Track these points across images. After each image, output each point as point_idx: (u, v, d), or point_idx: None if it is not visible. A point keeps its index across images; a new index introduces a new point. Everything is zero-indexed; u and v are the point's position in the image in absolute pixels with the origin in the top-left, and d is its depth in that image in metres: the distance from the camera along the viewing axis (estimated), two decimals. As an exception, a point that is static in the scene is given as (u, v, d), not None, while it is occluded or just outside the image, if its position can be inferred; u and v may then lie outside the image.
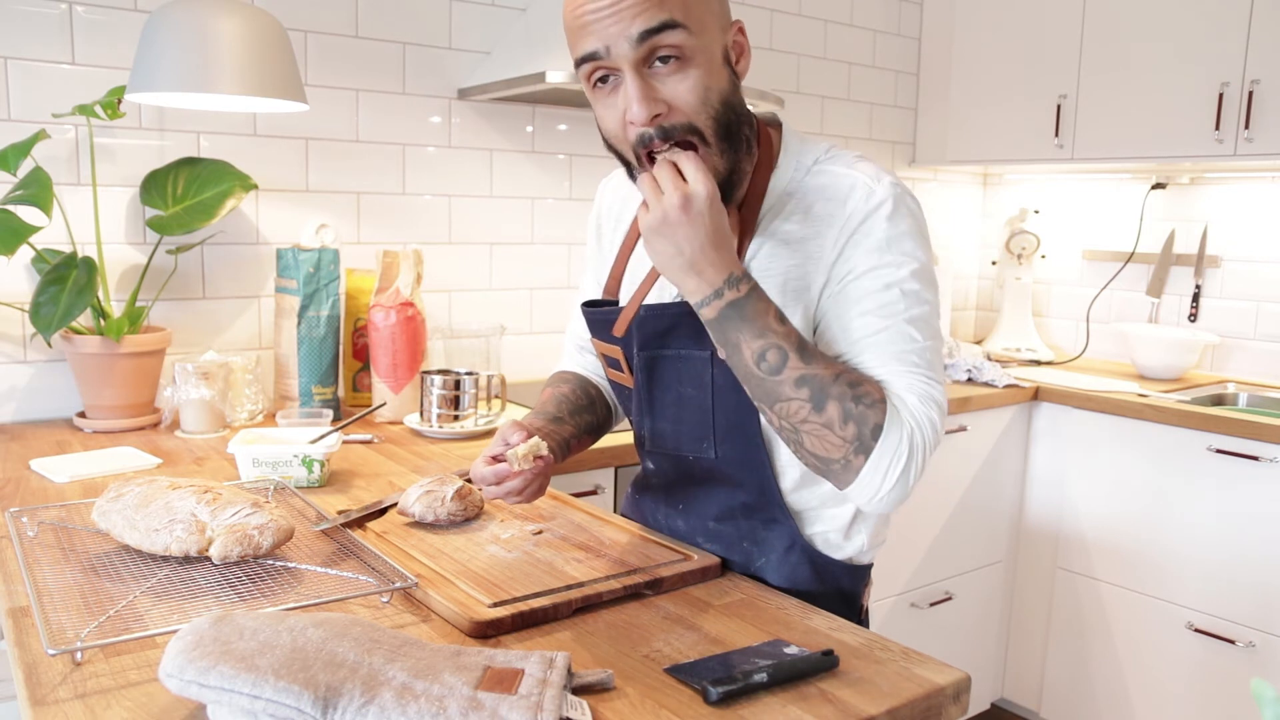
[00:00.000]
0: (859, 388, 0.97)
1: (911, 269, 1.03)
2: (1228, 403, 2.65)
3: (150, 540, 1.05)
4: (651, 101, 0.97)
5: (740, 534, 1.18)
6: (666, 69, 0.97)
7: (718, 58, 1.01)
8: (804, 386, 0.96)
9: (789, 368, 0.96)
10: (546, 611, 0.99)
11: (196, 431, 1.72)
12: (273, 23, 1.60)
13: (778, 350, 0.96)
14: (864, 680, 0.89)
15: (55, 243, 1.76)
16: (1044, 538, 2.67)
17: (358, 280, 1.96)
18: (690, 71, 0.98)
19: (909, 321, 1.02)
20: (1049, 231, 3.17)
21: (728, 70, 1.02)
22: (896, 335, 1.01)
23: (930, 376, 1.01)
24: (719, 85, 1.00)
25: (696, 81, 0.98)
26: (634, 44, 0.96)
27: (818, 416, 0.96)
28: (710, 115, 0.99)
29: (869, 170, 1.07)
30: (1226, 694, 2.31)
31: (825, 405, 0.96)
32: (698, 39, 0.97)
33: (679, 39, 0.96)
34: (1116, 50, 2.63)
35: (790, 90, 2.83)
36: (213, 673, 0.73)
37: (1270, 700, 0.54)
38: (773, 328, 0.97)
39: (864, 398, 0.97)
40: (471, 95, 2.18)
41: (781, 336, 0.96)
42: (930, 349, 1.02)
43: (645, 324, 1.13)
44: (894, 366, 1.00)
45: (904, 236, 1.03)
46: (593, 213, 1.33)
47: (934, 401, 1.00)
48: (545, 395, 1.30)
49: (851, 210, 1.04)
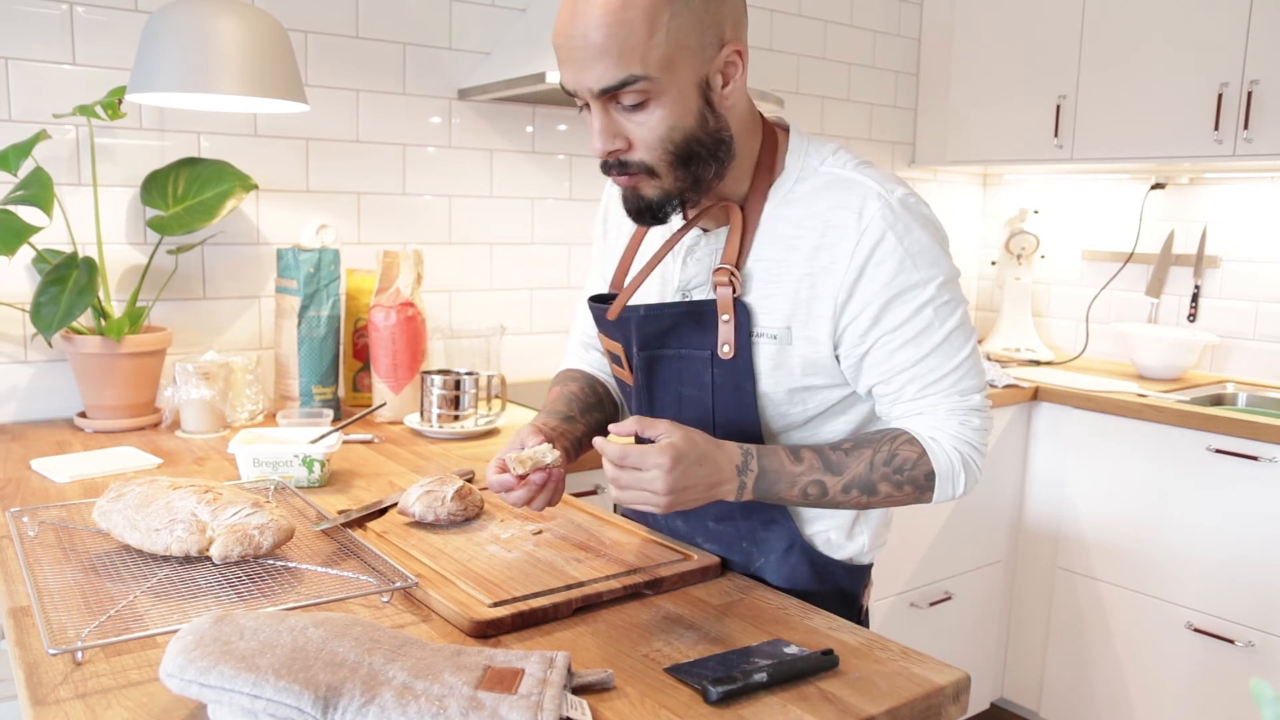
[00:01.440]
0: (895, 459, 1.06)
1: (938, 282, 1.05)
2: (1227, 403, 2.65)
3: (151, 540, 1.05)
4: (610, 137, 1.02)
5: (740, 534, 1.18)
6: (630, 108, 1.00)
7: (689, 93, 1.00)
8: (851, 490, 1.06)
9: (830, 489, 1.05)
10: (546, 611, 0.99)
11: (197, 431, 1.72)
12: (273, 23, 1.60)
13: (814, 484, 1.05)
14: (864, 680, 0.90)
15: (56, 243, 1.76)
16: (1044, 537, 2.67)
17: (358, 280, 1.96)
18: (654, 112, 0.99)
19: (945, 339, 1.06)
20: (1048, 232, 3.17)
21: (700, 102, 1.01)
22: (935, 362, 1.06)
23: (966, 390, 1.08)
24: (685, 123, 1.01)
25: (659, 122, 1.00)
26: (594, 93, 0.99)
27: (876, 499, 1.07)
28: (667, 151, 1.01)
29: (879, 177, 1.06)
30: (1226, 694, 2.32)
31: (876, 489, 1.06)
32: (663, 82, 0.98)
33: (641, 87, 0.97)
34: (1116, 50, 2.63)
35: (790, 90, 2.83)
36: (213, 672, 0.73)
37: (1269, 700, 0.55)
38: (796, 472, 1.04)
39: (904, 466, 1.06)
40: (471, 95, 2.19)
41: (807, 471, 1.04)
42: (967, 358, 1.08)
43: (645, 324, 1.13)
44: (933, 397, 1.08)
45: (925, 250, 1.04)
46: (600, 208, 1.33)
47: (973, 411, 1.09)
48: (554, 394, 1.29)
49: (868, 223, 1.03)
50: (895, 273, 1.03)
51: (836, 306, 1.05)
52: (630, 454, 0.97)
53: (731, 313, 1.08)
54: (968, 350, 1.08)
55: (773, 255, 1.08)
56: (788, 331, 1.08)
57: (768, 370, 1.09)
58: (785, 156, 1.11)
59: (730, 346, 1.08)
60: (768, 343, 1.09)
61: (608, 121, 1.01)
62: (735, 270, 1.07)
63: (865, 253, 1.03)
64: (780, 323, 1.08)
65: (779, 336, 1.08)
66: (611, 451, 0.98)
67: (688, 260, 1.15)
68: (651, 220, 1.08)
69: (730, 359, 1.09)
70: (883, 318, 1.05)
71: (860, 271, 1.04)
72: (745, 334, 1.08)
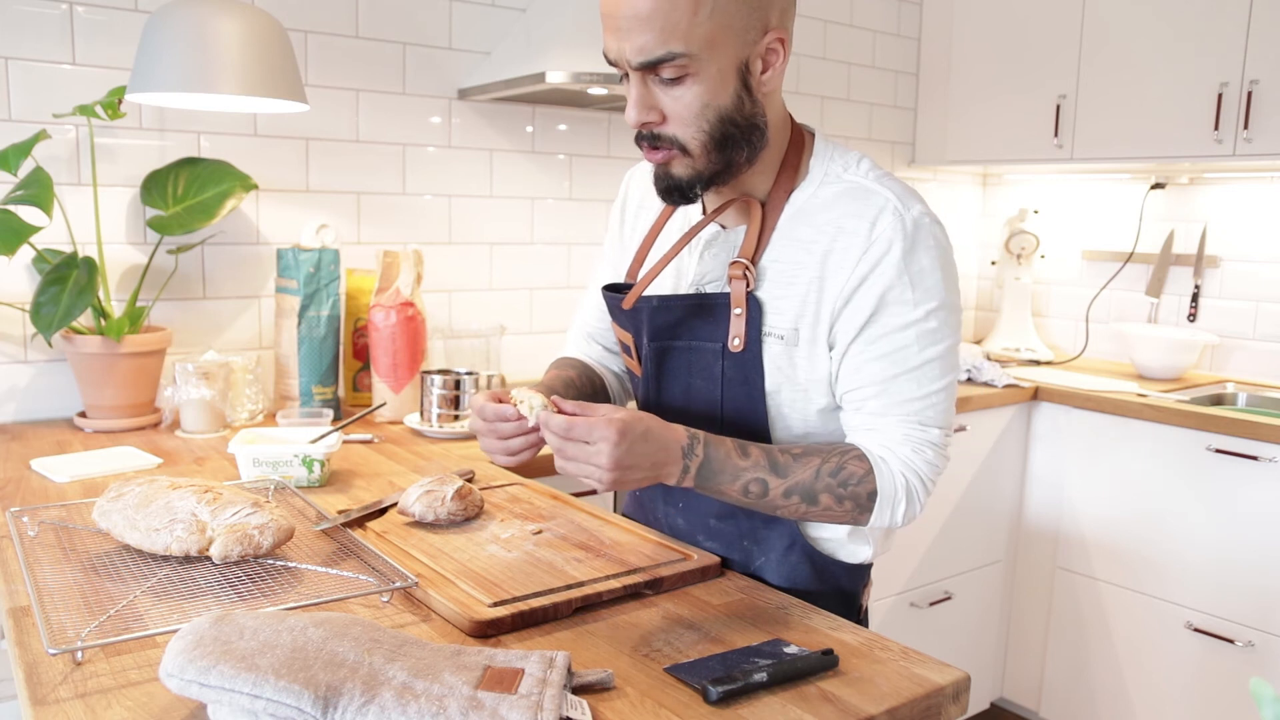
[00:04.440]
0: (841, 472, 1.04)
1: (929, 308, 1.04)
2: (1227, 403, 2.65)
3: (151, 540, 1.05)
4: (645, 109, 1.02)
5: (740, 532, 1.18)
6: (668, 81, 1.00)
7: (728, 73, 1.00)
8: (792, 495, 1.04)
9: (772, 489, 1.04)
10: (546, 611, 0.99)
11: (197, 431, 1.72)
12: (273, 23, 1.60)
13: (756, 481, 1.03)
14: (864, 680, 0.90)
15: (56, 243, 1.76)
16: (1044, 538, 2.67)
17: (358, 280, 1.96)
18: (691, 88, 1.00)
19: (921, 365, 1.05)
20: (1048, 231, 3.17)
21: (737, 84, 1.02)
22: (904, 384, 1.05)
23: (928, 421, 1.06)
24: (720, 101, 1.01)
25: (694, 99, 1.00)
26: (633, 65, 0.99)
27: (815, 508, 1.05)
28: (701, 129, 1.02)
29: (899, 191, 1.06)
30: (1226, 693, 2.32)
31: (818, 498, 1.04)
32: (704, 60, 0.98)
33: (681, 63, 0.98)
34: (1116, 50, 2.63)
35: (790, 90, 2.83)
36: (213, 672, 0.73)
37: (1269, 700, 0.55)
38: (741, 466, 1.03)
39: (849, 480, 1.04)
40: (471, 95, 2.18)
41: (752, 467, 1.03)
42: (938, 393, 1.06)
43: (657, 315, 1.13)
44: (893, 418, 1.06)
45: (925, 274, 1.04)
46: (617, 200, 1.34)
47: (929, 445, 1.07)
48: (550, 375, 1.29)
49: (878, 235, 1.03)
50: (889, 287, 1.03)
51: (834, 312, 1.06)
52: (577, 426, 0.96)
53: (744, 306, 1.08)
54: (941, 384, 1.06)
55: (788, 257, 1.09)
56: (795, 333, 1.08)
57: (773, 369, 1.10)
58: (810, 160, 1.11)
59: (741, 340, 1.09)
60: (774, 342, 1.09)
61: (644, 93, 1.01)
62: (750, 264, 1.08)
63: (870, 264, 1.03)
64: (788, 324, 1.08)
65: (785, 337, 1.09)
66: (556, 424, 0.97)
67: (704, 255, 1.15)
68: (681, 200, 1.08)
69: (740, 352, 1.09)
70: (866, 328, 1.05)
71: (861, 280, 1.04)
72: (756, 329, 1.08)
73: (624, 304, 1.15)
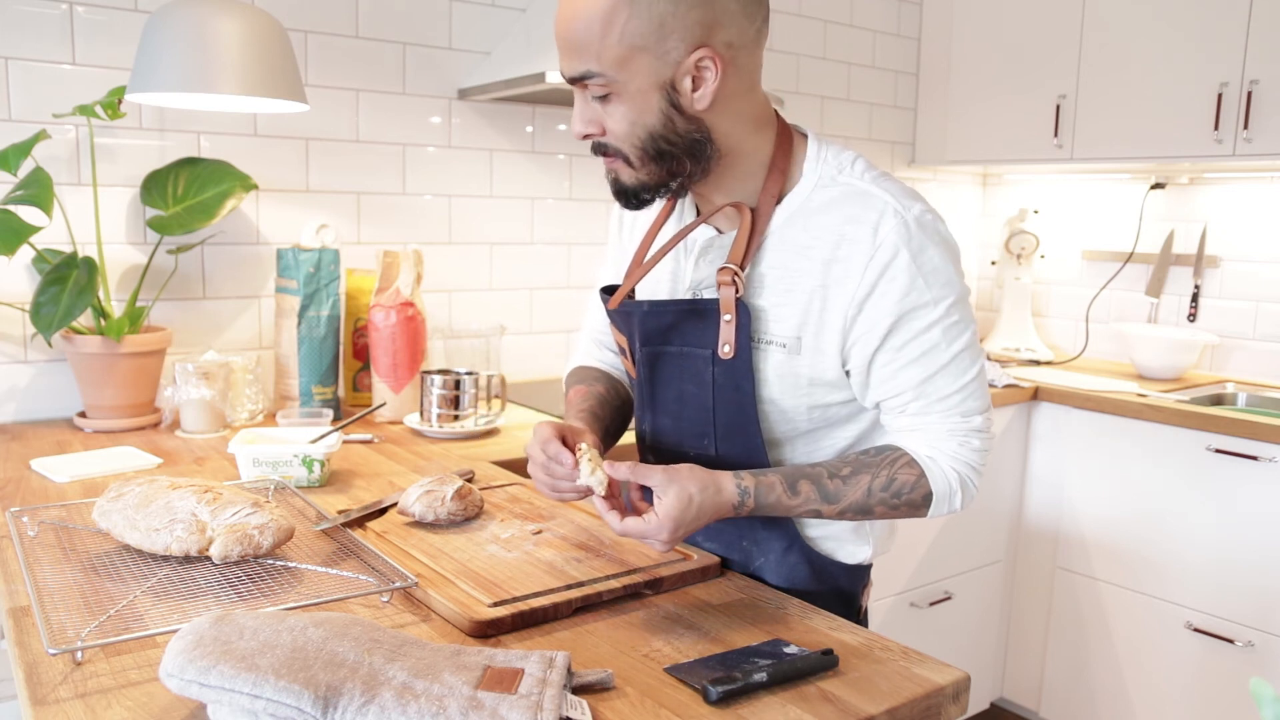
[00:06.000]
0: (893, 484, 1.07)
1: (949, 303, 1.05)
2: (1227, 403, 2.65)
3: (150, 540, 1.05)
4: (585, 122, 1.07)
5: (740, 533, 1.18)
6: (599, 99, 1.05)
7: (648, 92, 1.02)
8: (846, 514, 1.08)
9: (825, 514, 1.07)
10: (546, 611, 0.99)
11: (197, 431, 1.72)
12: (273, 23, 1.60)
13: (810, 513, 1.07)
14: (864, 680, 0.90)
15: (56, 243, 1.76)
16: (1044, 538, 2.67)
17: (358, 280, 1.96)
18: (617, 105, 1.04)
19: (953, 359, 1.07)
20: (1048, 231, 3.17)
21: (662, 102, 1.02)
22: (941, 382, 1.07)
23: (969, 411, 1.09)
24: (646, 120, 1.03)
25: (621, 116, 1.04)
26: (566, 80, 1.06)
27: (871, 517, 1.10)
28: (635, 143, 1.05)
29: (897, 192, 1.06)
30: (1226, 693, 2.32)
31: (873, 511, 1.08)
32: (620, 80, 1.01)
33: (600, 83, 1.02)
34: (1116, 50, 2.63)
35: (790, 90, 2.83)
36: (213, 672, 0.73)
37: (1269, 699, 0.55)
38: (790, 504, 1.05)
39: (902, 490, 1.07)
40: (471, 95, 2.19)
41: (804, 503, 1.06)
42: (972, 381, 1.09)
43: (648, 319, 1.13)
44: (934, 415, 1.09)
45: (938, 270, 1.04)
46: (616, 204, 1.33)
47: (974, 433, 1.10)
48: (581, 392, 1.27)
49: (882, 240, 1.03)
50: (906, 291, 1.03)
51: (846, 321, 1.06)
52: (631, 530, 0.99)
53: (733, 313, 1.07)
54: (974, 371, 1.08)
55: (786, 263, 1.08)
56: (797, 341, 1.07)
57: (774, 378, 1.09)
58: (803, 163, 1.11)
59: (731, 346, 1.08)
60: (776, 351, 1.08)
61: (585, 107, 1.06)
62: (739, 271, 1.07)
63: (878, 269, 1.03)
64: (791, 332, 1.08)
65: (788, 346, 1.08)
66: (614, 525, 1.00)
67: (700, 261, 1.15)
68: (631, 203, 1.11)
69: (730, 359, 1.09)
70: (891, 335, 1.05)
71: (872, 287, 1.04)
72: (746, 335, 1.08)
73: (609, 305, 1.15)
